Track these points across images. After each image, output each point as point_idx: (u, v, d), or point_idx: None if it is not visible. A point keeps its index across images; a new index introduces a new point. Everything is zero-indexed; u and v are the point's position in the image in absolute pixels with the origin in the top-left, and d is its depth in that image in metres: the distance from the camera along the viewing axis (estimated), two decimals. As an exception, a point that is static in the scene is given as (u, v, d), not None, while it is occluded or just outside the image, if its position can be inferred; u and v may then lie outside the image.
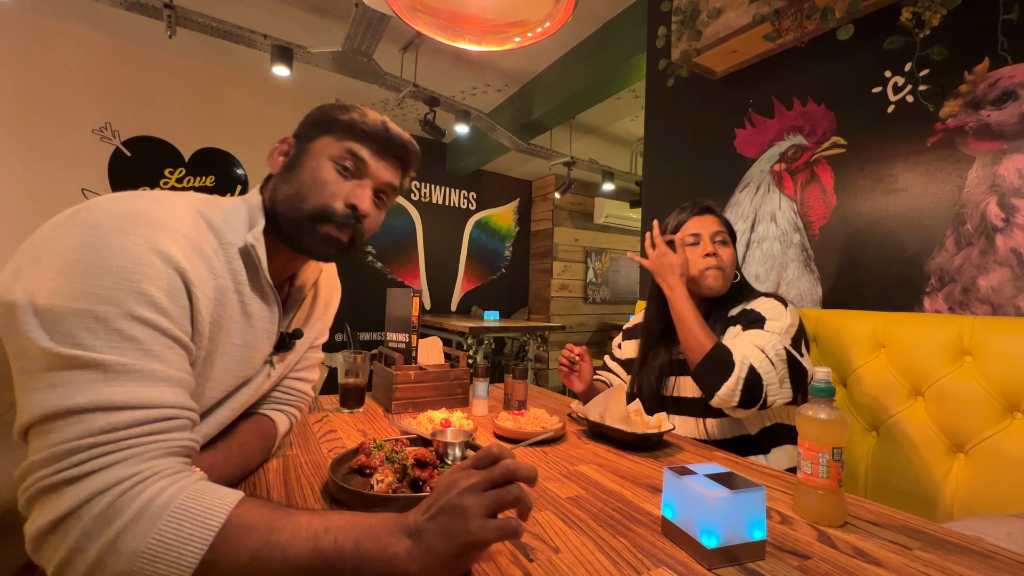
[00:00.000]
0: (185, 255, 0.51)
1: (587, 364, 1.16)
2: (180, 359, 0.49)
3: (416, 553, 0.43)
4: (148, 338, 0.46)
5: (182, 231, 0.52)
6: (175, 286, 0.49)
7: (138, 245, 0.47)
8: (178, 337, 0.49)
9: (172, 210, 0.54)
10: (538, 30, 0.92)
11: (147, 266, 0.47)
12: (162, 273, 0.48)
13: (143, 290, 0.46)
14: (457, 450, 0.77)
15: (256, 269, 0.62)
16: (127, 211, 0.49)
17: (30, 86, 2.60)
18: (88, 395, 0.42)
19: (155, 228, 0.50)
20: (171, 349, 0.48)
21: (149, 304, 0.46)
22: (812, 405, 0.66)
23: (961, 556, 0.55)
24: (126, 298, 0.45)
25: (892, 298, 1.23)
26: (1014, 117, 1.05)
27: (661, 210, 1.90)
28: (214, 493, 0.42)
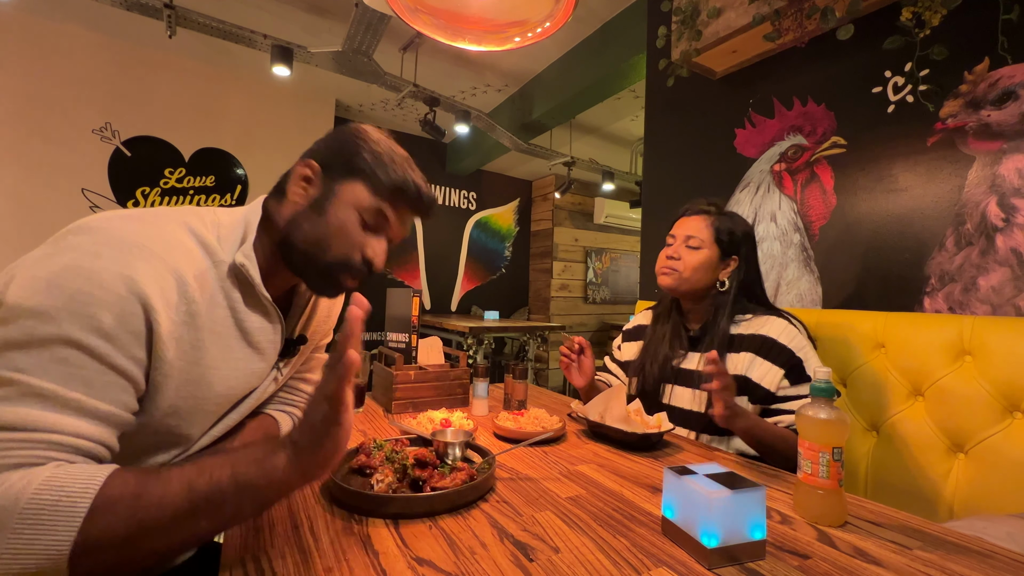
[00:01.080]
0: (153, 279, 0.50)
1: (588, 358, 1.16)
2: (112, 389, 0.47)
3: (291, 455, 0.46)
4: (81, 363, 0.45)
5: (159, 254, 0.52)
6: (130, 311, 0.48)
7: (104, 269, 0.48)
8: (118, 366, 0.47)
9: (159, 233, 0.54)
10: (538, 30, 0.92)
11: (106, 290, 0.47)
12: (120, 299, 0.47)
13: (93, 314, 0.46)
14: (457, 450, 0.77)
15: (249, 285, 0.61)
16: (110, 236, 0.50)
17: (30, 86, 2.60)
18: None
19: (129, 252, 0.50)
20: (104, 376, 0.47)
21: (94, 329, 0.46)
22: (812, 405, 0.66)
23: (961, 556, 0.56)
24: (74, 321, 0.45)
25: (892, 298, 1.23)
26: (1014, 117, 1.05)
27: (661, 210, 1.90)
28: (73, 478, 0.41)
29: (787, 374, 0.95)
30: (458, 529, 0.58)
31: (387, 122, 4.08)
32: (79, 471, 0.42)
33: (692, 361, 1.08)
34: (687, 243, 1.07)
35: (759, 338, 0.99)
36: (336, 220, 0.63)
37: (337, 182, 0.65)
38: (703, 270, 1.06)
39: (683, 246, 1.07)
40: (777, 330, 0.98)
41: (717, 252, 1.06)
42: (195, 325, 0.55)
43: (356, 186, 0.64)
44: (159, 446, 0.58)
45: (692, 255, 1.06)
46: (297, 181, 0.65)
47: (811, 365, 0.95)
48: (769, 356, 0.97)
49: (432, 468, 0.70)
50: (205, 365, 0.57)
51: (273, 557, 0.52)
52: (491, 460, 0.75)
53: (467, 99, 3.53)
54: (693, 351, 1.09)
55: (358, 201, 0.64)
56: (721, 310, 1.05)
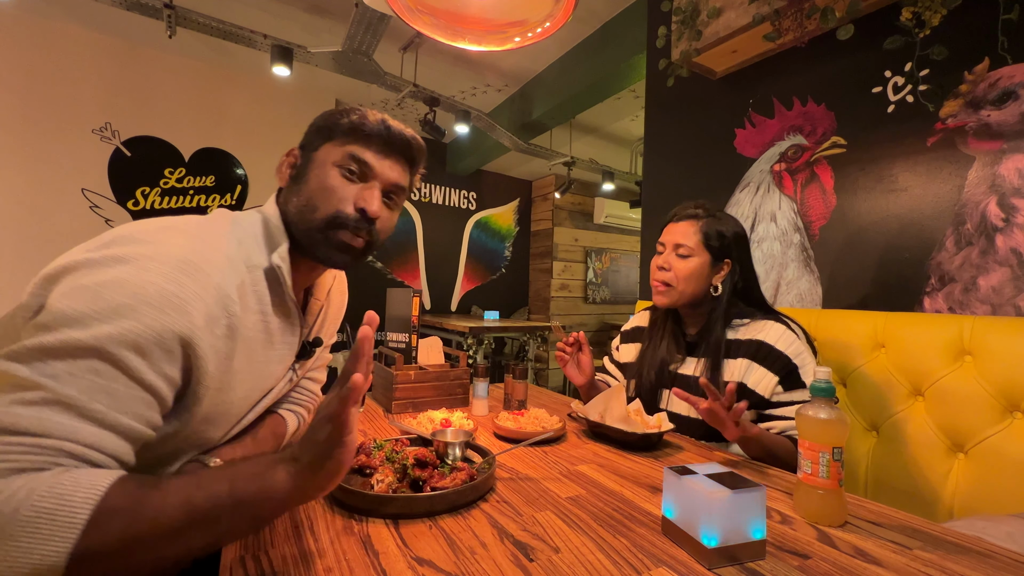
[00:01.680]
0: (199, 296, 0.51)
1: (587, 355, 1.15)
2: (137, 404, 0.47)
3: (292, 470, 0.46)
4: (111, 375, 0.45)
5: (206, 270, 0.53)
6: (169, 329, 0.48)
7: (151, 283, 0.48)
8: (148, 382, 0.47)
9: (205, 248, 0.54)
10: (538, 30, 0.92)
11: (150, 306, 0.47)
12: (161, 315, 0.48)
13: (130, 329, 0.46)
14: (457, 450, 0.77)
15: (280, 288, 0.63)
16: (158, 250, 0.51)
17: (30, 86, 2.60)
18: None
19: (177, 268, 0.50)
20: (131, 391, 0.46)
21: (129, 344, 0.46)
22: (812, 405, 0.66)
23: (961, 556, 0.56)
24: (111, 333, 0.45)
25: (892, 298, 1.23)
26: (1014, 117, 1.05)
27: (661, 210, 1.90)
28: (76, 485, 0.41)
29: (781, 380, 0.95)
30: (458, 529, 0.58)
31: (387, 122, 4.07)
32: (82, 478, 0.41)
33: (690, 366, 1.07)
34: (677, 252, 1.05)
35: (755, 343, 0.99)
36: (315, 179, 0.65)
37: (314, 151, 0.67)
38: (695, 279, 1.04)
39: (673, 255, 1.05)
40: (774, 335, 0.98)
41: (708, 258, 1.04)
42: (232, 337, 0.56)
43: (328, 146, 0.66)
44: (184, 451, 0.59)
45: (682, 264, 1.04)
46: (281, 171, 0.69)
47: (808, 371, 0.94)
48: (765, 362, 0.96)
49: (432, 468, 0.70)
50: (233, 371, 0.58)
51: (273, 557, 0.52)
52: (491, 460, 0.75)
53: (467, 99, 3.53)
54: (691, 356, 1.08)
55: (330, 156, 0.66)
56: (716, 316, 1.04)
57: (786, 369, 0.95)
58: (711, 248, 1.04)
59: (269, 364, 0.65)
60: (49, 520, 0.39)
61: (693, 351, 1.08)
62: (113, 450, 0.45)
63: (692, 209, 1.08)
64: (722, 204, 1.66)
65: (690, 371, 1.06)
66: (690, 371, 1.06)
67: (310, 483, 0.47)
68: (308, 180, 0.65)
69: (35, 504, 0.39)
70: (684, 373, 1.07)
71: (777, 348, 0.96)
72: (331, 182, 0.64)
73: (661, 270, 1.06)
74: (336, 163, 0.65)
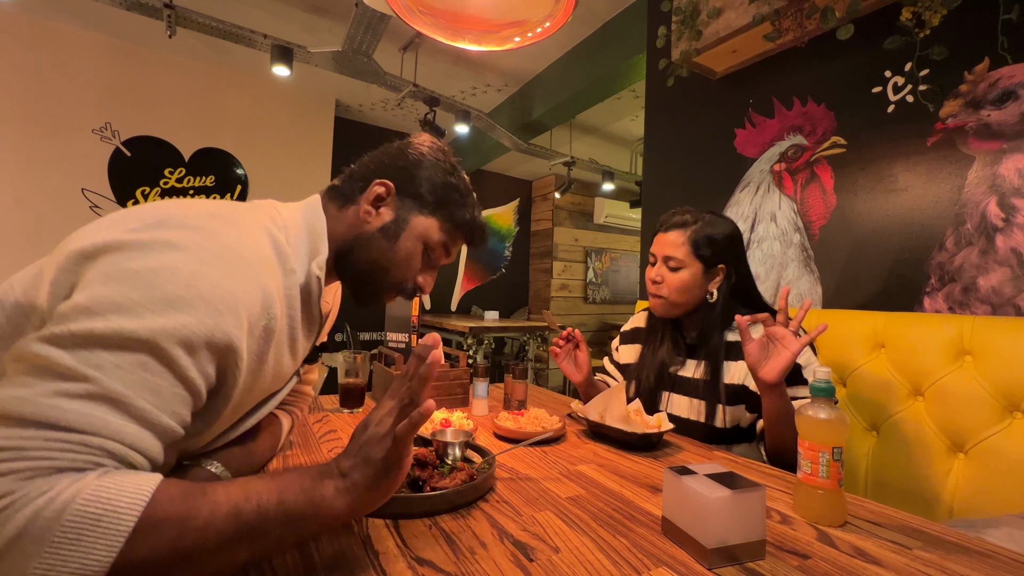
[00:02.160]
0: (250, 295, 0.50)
1: (583, 352, 1.14)
2: (177, 403, 0.45)
3: (342, 488, 0.45)
4: (156, 371, 0.43)
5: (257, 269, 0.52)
6: (220, 327, 0.46)
7: (205, 277, 0.46)
8: (190, 379, 0.45)
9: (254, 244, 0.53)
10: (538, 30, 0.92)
11: (203, 300, 0.45)
12: (214, 312, 0.46)
13: (184, 324, 0.44)
14: (457, 450, 0.77)
15: (311, 298, 0.62)
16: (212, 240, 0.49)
17: (30, 86, 2.60)
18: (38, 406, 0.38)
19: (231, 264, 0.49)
20: (174, 388, 0.44)
21: (180, 340, 0.43)
22: (812, 405, 0.66)
23: (961, 556, 0.55)
24: (161, 327, 0.43)
25: (892, 298, 1.23)
26: (1014, 117, 1.05)
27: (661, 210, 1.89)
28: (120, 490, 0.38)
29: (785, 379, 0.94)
30: (458, 529, 0.58)
31: (387, 122, 4.08)
32: (127, 482, 0.39)
33: (690, 369, 1.07)
34: (667, 264, 1.03)
35: None
36: (404, 252, 0.65)
37: (411, 211, 0.66)
38: (689, 290, 1.02)
39: (663, 267, 1.04)
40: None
41: (700, 267, 1.02)
42: (268, 339, 0.55)
43: (429, 221, 0.67)
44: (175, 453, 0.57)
45: (674, 277, 1.02)
46: (370, 200, 0.66)
47: (809, 369, 0.94)
48: None
49: (432, 468, 0.70)
50: (260, 373, 0.57)
51: (273, 557, 0.52)
52: (491, 460, 0.75)
53: (467, 99, 3.53)
54: (691, 359, 1.08)
55: (428, 236, 0.66)
56: (714, 320, 1.03)
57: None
58: (702, 257, 1.02)
59: (287, 368, 0.65)
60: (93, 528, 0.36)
61: (693, 354, 1.08)
62: (151, 450, 0.43)
63: (680, 216, 1.05)
64: (722, 204, 1.66)
65: (690, 373, 1.06)
66: (690, 373, 1.06)
67: (363, 501, 0.46)
68: (397, 245, 0.65)
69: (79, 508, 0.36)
70: (684, 375, 1.07)
71: None
72: (415, 261, 0.66)
73: (654, 283, 1.05)
74: (428, 243, 0.66)
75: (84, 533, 0.35)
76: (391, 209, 0.66)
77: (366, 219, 0.65)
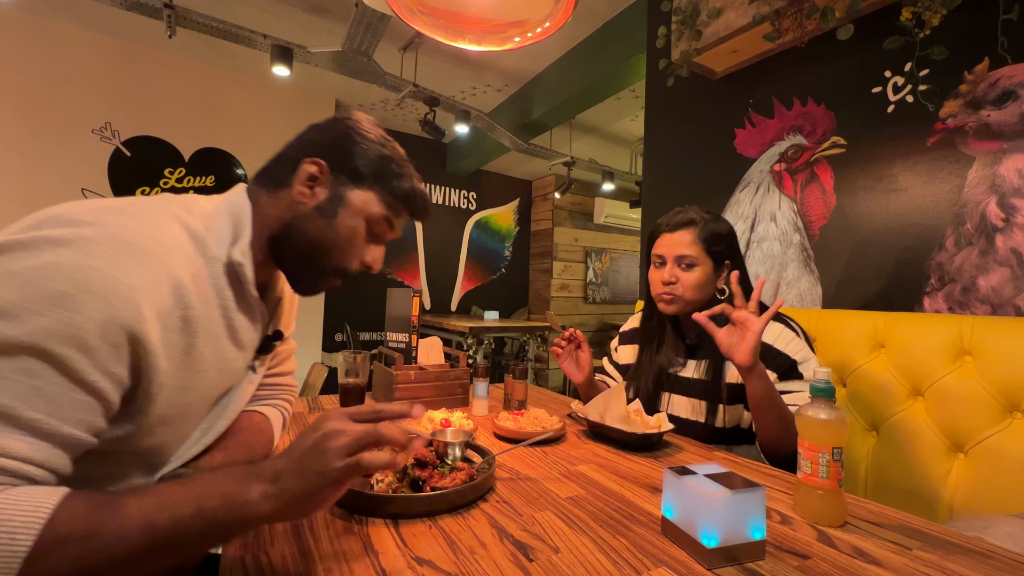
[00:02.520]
0: (150, 284, 0.46)
1: (586, 352, 1.14)
2: (77, 408, 0.42)
3: (270, 493, 0.43)
4: (48, 377, 0.40)
5: (157, 255, 0.48)
6: (115, 321, 0.43)
7: (93, 269, 0.42)
8: (90, 383, 0.42)
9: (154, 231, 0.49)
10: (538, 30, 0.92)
11: (92, 295, 0.42)
12: (106, 306, 0.42)
13: (73, 321, 0.40)
14: (457, 450, 0.77)
15: (242, 286, 0.59)
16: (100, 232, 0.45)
17: (30, 86, 2.60)
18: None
19: (123, 252, 0.45)
20: (72, 394, 0.41)
21: (71, 339, 0.40)
22: (812, 405, 0.66)
23: (961, 556, 0.55)
24: (48, 327, 0.40)
25: (892, 298, 1.23)
26: (1014, 117, 1.05)
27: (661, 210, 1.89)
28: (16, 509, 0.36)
29: (780, 376, 0.94)
30: (458, 529, 0.58)
31: (387, 122, 4.08)
32: (23, 498, 0.37)
33: (690, 369, 1.07)
34: (680, 264, 1.02)
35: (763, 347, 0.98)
36: (345, 229, 0.62)
37: (347, 187, 0.63)
38: (704, 287, 1.02)
39: (676, 267, 1.02)
40: (773, 334, 0.97)
41: (711, 264, 1.02)
42: (189, 331, 0.52)
43: (367, 195, 0.63)
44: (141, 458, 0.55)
45: (689, 276, 1.01)
46: (303, 180, 0.62)
47: (807, 366, 0.94)
48: (764, 361, 0.95)
49: (432, 468, 0.70)
50: (195, 369, 0.54)
51: (273, 557, 0.52)
52: (491, 460, 0.75)
53: (467, 99, 3.53)
54: (691, 359, 1.08)
55: (368, 210, 0.63)
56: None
57: (785, 366, 0.95)
58: (713, 253, 1.02)
59: (233, 361, 0.62)
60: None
61: (693, 354, 1.08)
62: (51, 462, 0.41)
63: (684, 215, 1.04)
64: (722, 204, 1.67)
65: (690, 374, 1.06)
66: (690, 374, 1.06)
67: (290, 510, 0.44)
68: (336, 224, 0.62)
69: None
70: (684, 376, 1.07)
71: (776, 347, 0.96)
72: (358, 240, 0.63)
73: (667, 284, 1.03)
74: (370, 218, 0.63)
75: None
76: (326, 187, 0.62)
77: (301, 200, 0.62)
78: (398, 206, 0.66)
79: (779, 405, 0.86)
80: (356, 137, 0.65)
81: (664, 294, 1.04)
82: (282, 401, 0.82)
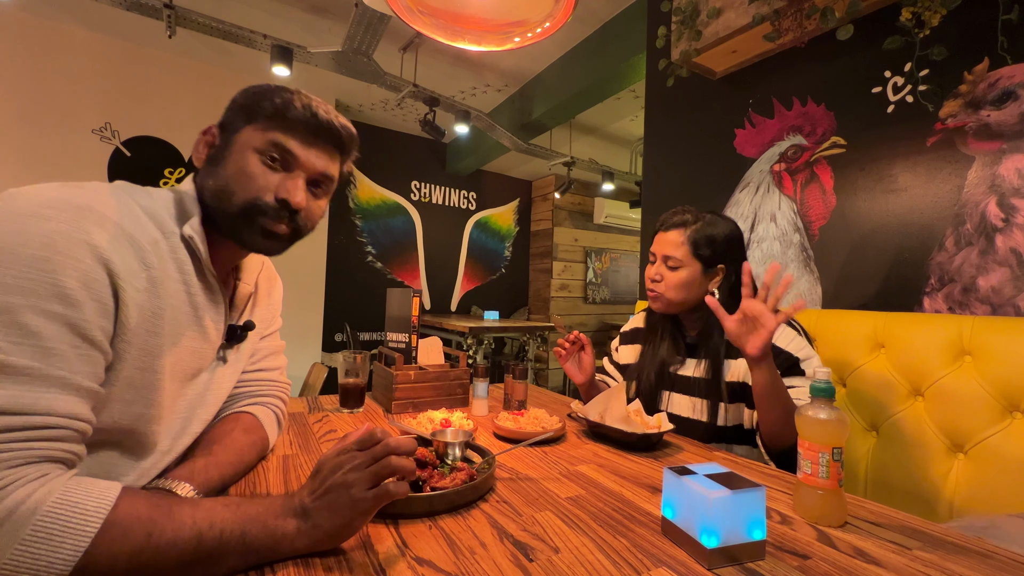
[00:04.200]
0: (112, 243, 0.48)
1: (588, 355, 1.14)
2: (86, 362, 0.45)
3: (304, 529, 0.47)
4: (53, 335, 0.43)
5: (112, 218, 0.50)
6: (94, 277, 0.46)
7: (58, 232, 0.44)
8: (89, 335, 0.45)
9: (102, 198, 0.51)
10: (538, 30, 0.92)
11: (64, 255, 0.44)
12: (80, 263, 0.45)
13: (56, 281, 0.43)
14: (457, 450, 0.77)
15: (199, 261, 0.60)
16: (52, 198, 0.47)
17: (30, 86, 2.60)
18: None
19: (80, 215, 0.47)
20: (77, 349, 0.44)
21: (60, 297, 0.43)
22: (812, 405, 0.66)
23: (961, 556, 0.56)
24: (35, 289, 0.42)
25: (892, 298, 1.23)
26: (1014, 117, 1.05)
27: (661, 210, 1.89)
28: (87, 494, 0.40)
29: (782, 373, 0.94)
30: (458, 529, 0.58)
31: (387, 122, 4.08)
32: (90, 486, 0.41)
33: (690, 368, 1.07)
34: (667, 263, 1.03)
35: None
36: (233, 164, 0.61)
37: (231, 135, 0.62)
38: (687, 288, 1.02)
39: (663, 266, 1.04)
40: (784, 339, 0.97)
41: (699, 267, 1.02)
42: (156, 293, 0.53)
43: (249, 129, 0.62)
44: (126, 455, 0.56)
45: (673, 276, 1.02)
46: (198, 149, 0.64)
47: (809, 364, 0.94)
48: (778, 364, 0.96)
49: (432, 468, 0.70)
50: (161, 335, 0.55)
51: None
52: (491, 460, 0.75)
53: (467, 99, 3.53)
54: (691, 358, 1.08)
55: (251, 141, 0.61)
56: (714, 319, 1.01)
57: (788, 363, 0.95)
58: (701, 257, 1.02)
59: (198, 341, 0.62)
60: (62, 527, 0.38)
61: (693, 353, 1.08)
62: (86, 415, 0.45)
63: (680, 216, 1.05)
64: (722, 204, 1.67)
65: (690, 372, 1.06)
66: (690, 372, 1.06)
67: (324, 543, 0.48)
68: (226, 164, 0.61)
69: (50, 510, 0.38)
70: (685, 375, 1.07)
71: (778, 345, 0.96)
72: (250, 169, 0.60)
73: (653, 281, 1.06)
74: (257, 149, 0.61)
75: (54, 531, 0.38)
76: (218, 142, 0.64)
77: (198, 163, 0.64)
78: (280, 125, 0.61)
79: (784, 396, 0.86)
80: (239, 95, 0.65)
81: (649, 290, 1.07)
82: (272, 399, 0.80)
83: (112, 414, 0.52)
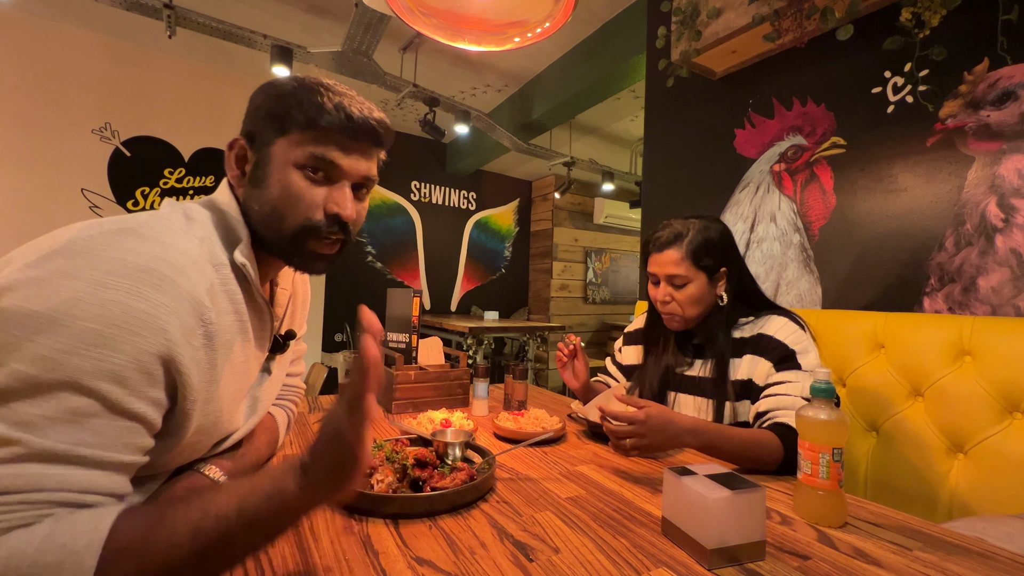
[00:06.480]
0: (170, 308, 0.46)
1: (581, 361, 1.14)
2: (125, 434, 0.44)
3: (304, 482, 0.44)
4: (89, 411, 0.41)
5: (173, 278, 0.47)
6: (145, 350, 0.44)
7: (113, 302, 0.43)
8: (132, 411, 0.43)
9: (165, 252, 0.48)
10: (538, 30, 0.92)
11: (117, 328, 0.42)
12: (133, 336, 0.43)
13: (103, 357, 0.41)
14: (457, 450, 0.77)
15: (249, 284, 0.59)
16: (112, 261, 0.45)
17: (30, 86, 2.60)
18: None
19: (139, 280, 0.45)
20: (115, 423, 0.43)
21: (104, 374, 0.41)
22: (812, 405, 0.66)
23: (961, 556, 0.56)
24: (79, 364, 0.40)
25: (892, 298, 1.23)
26: (1014, 117, 1.05)
27: (661, 210, 1.90)
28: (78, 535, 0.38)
29: (776, 365, 0.94)
30: (458, 529, 0.58)
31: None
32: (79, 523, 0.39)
33: (696, 368, 1.07)
34: (672, 283, 1.02)
35: (757, 337, 0.98)
36: (278, 185, 0.57)
37: (265, 147, 0.58)
38: (700, 301, 1.01)
39: (669, 286, 1.02)
40: (775, 327, 0.97)
41: (704, 276, 1.01)
42: (212, 346, 0.52)
43: (283, 142, 0.58)
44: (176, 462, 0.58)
45: (682, 294, 1.01)
46: (231, 166, 0.61)
47: (807, 358, 0.93)
48: (764, 353, 0.96)
49: (432, 468, 0.70)
50: (219, 378, 0.55)
51: (273, 557, 0.52)
52: (491, 460, 0.75)
53: (467, 99, 3.53)
54: (698, 358, 1.08)
55: (291, 155, 0.57)
56: (718, 321, 1.03)
57: (783, 354, 0.94)
58: (704, 267, 1.01)
59: (248, 362, 0.62)
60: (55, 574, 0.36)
61: (700, 354, 1.08)
62: (107, 487, 0.43)
63: (669, 231, 1.03)
64: (722, 204, 1.67)
65: (696, 373, 1.06)
66: (696, 373, 1.06)
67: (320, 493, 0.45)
68: (269, 185, 0.58)
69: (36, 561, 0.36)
70: (690, 375, 1.07)
71: (776, 338, 0.96)
72: (295, 188, 0.57)
73: (664, 303, 1.03)
74: (298, 164, 0.57)
75: None
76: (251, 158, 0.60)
77: (239, 184, 0.61)
78: (318, 134, 0.57)
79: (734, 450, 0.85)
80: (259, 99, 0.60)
81: (665, 315, 1.04)
82: (288, 402, 0.84)
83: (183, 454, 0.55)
